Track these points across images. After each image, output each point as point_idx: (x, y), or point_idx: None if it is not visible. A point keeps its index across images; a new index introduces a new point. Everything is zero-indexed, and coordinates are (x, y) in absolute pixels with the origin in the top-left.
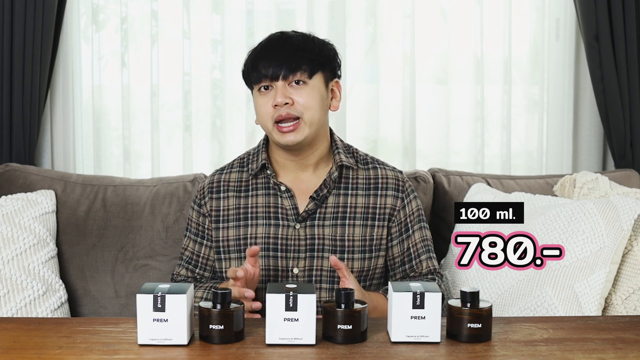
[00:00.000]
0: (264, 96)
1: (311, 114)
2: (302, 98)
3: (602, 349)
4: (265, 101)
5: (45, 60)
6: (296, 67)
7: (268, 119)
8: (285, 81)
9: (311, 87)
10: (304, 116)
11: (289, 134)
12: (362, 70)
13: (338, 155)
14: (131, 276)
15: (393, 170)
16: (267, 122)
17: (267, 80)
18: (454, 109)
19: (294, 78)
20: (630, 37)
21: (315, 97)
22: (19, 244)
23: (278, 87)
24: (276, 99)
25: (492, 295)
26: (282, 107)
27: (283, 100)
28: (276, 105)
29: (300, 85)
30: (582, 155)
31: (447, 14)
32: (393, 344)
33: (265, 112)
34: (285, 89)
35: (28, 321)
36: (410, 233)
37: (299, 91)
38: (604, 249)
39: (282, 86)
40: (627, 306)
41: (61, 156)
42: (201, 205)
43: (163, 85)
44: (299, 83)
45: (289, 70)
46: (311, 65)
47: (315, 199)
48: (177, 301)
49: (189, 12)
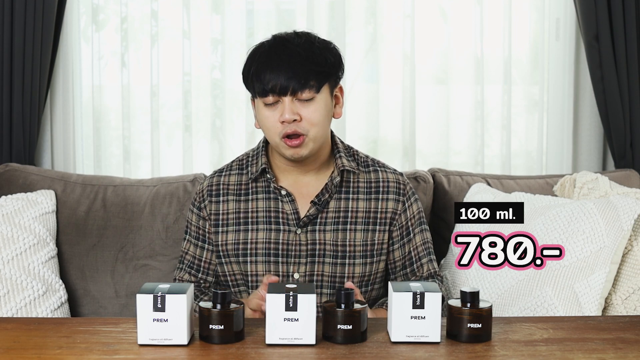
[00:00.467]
0: (269, 110)
1: (316, 130)
2: (310, 114)
3: (602, 349)
4: (272, 114)
5: (45, 60)
6: (305, 83)
7: (275, 134)
8: (292, 96)
9: (318, 102)
10: (309, 133)
11: (294, 149)
12: (362, 70)
13: (340, 160)
14: (131, 276)
15: (394, 173)
16: (274, 136)
17: (274, 95)
18: (454, 109)
19: (302, 95)
20: (630, 37)
21: (322, 112)
22: (19, 244)
23: (285, 102)
24: (284, 115)
25: (492, 295)
26: (290, 124)
27: (291, 117)
28: (284, 121)
29: (308, 101)
30: (582, 155)
31: (447, 14)
32: (393, 344)
33: (272, 126)
34: (293, 104)
35: (28, 321)
36: (412, 236)
37: (306, 106)
38: (604, 249)
39: (289, 102)
40: (627, 306)
41: (61, 156)
42: (201, 209)
43: (163, 85)
44: (306, 97)
45: (297, 86)
46: (318, 78)
47: (316, 203)
48: (177, 301)
49: (189, 12)
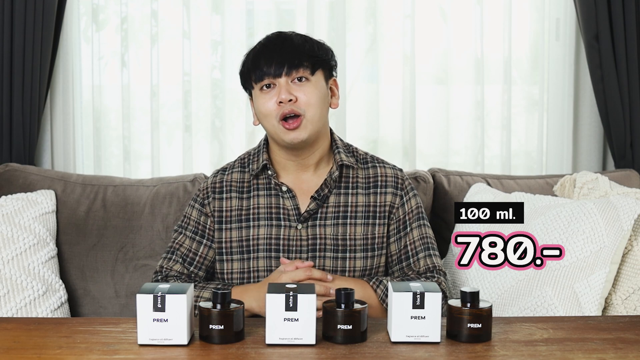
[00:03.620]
0: (266, 94)
1: (313, 111)
2: (305, 95)
3: (602, 349)
4: (268, 99)
5: (45, 60)
6: (298, 64)
7: (272, 117)
8: (288, 77)
9: (313, 84)
10: (307, 114)
11: (293, 132)
12: (362, 70)
13: (338, 155)
14: (131, 276)
15: (393, 169)
16: (272, 120)
17: (269, 77)
18: (454, 109)
19: (296, 74)
20: (630, 37)
21: (317, 94)
22: (19, 244)
23: (281, 84)
24: (280, 95)
25: (492, 295)
26: (286, 104)
27: (287, 97)
28: (280, 102)
29: (303, 82)
30: (582, 155)
31: (447, 14)
32: (393, 344)
33: (269, 110)
34: (289, 85)
35: (28, 321)
36: (408, 231)
37: (301, 88)
38: (604, 249)
39: (285, 83)
40: (627, 306)
41: (61, 156)
42: (204, 205)
43: (163, 85)
44: (301, 80)
45: (291, 66)
46: (312, 61)
47: (316, 198)
48: (177, 301)
49: (189, 12)
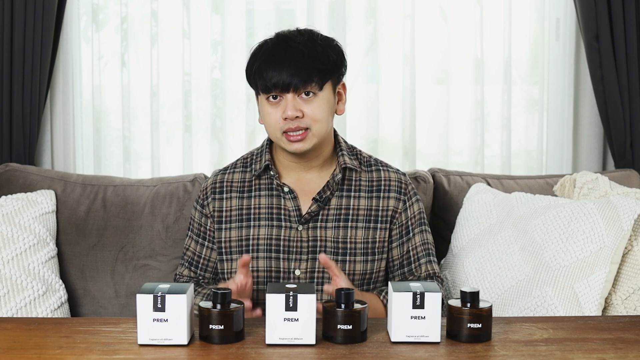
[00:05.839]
0: (272, 106)
1: (319, 127)
2: (312, 110)
3: (602, 349)
4: (274, 111)
5: (45, 60)
6: (307, 80)
7: (276, 129)
8: (295, 93)
9: (321, 99)
10: (312, 128)
11: (297, 143)
12: (362, 70)
13: (342, 157)
14: (131, 276)
15: (396, 173)
16: (276, 132)
17: (277, 91)
18: (454, 109)
19: (304, 90)
20: (630, 37)
21: (324, 108)
22: (19, 244)
23: (288, 99)
24: (286, 111)
25: (492, 295)
26: (293, 120)
27: (294, 114)
28: (286, 118)
29: (310, 97)
30: (582, 155)
31: (447, 14)
32: (393, 344)
33: (274, 122)
34: (296, 100)
35: (28, 321)
36: (411, 236)
37: (309, 103)
38: (604, 249)
39: (292, 98)
40: (627, 306)
41: (61, 156)
42: (204, 206)
43: (163, 85)
44: (308, 94)
45: (299, 83)
46: (321, 75)
47: (318, 200)
48: (177, 301)
49: (189, 12)
